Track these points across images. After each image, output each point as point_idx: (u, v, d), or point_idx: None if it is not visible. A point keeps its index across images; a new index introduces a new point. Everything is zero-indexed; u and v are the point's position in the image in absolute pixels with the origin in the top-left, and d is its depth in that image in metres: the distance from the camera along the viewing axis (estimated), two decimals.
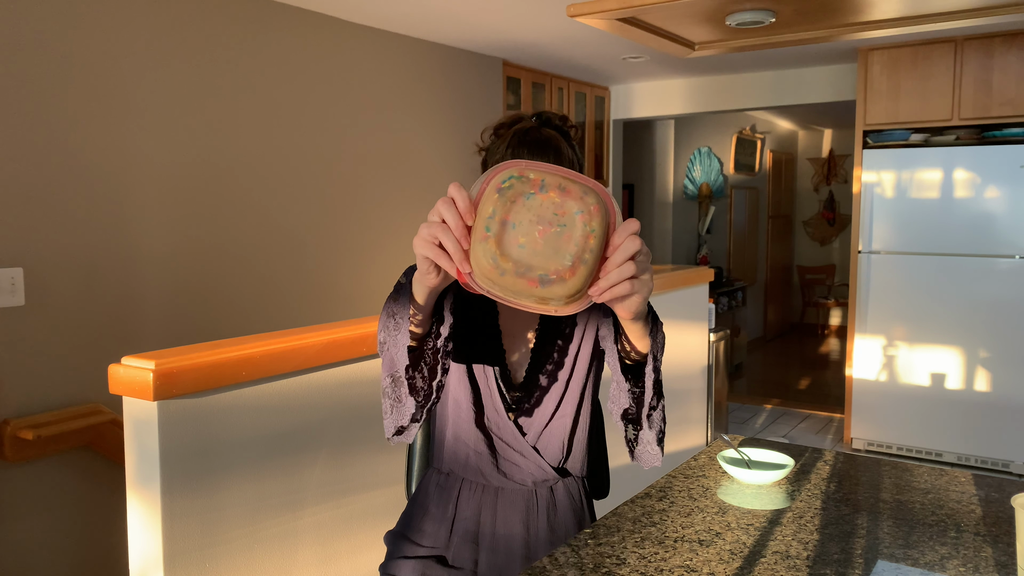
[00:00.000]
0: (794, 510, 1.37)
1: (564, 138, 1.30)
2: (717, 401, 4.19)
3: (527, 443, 1.33)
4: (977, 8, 2.28)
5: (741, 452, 1.59)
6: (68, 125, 2.65)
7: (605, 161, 5.85)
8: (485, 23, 3.82)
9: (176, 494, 1.51)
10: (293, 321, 3.42)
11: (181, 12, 2.99)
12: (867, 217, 4.50)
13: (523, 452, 1.33)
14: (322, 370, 1.78)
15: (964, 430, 4.28)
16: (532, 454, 1.33)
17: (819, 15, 2.36)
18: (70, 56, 2.65)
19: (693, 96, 5.55)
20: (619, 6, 2.17)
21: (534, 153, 1.24)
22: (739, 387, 6.43)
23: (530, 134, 1.27)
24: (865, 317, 4.53)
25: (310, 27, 3.50)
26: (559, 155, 1.26)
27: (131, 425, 1.52)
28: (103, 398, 2.68)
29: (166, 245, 2.97)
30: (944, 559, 1.17)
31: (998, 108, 4.13)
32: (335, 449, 1.82)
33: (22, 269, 2.53)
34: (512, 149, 1.26)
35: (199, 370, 1.52)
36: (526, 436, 1.33)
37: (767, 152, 8.34)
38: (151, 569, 1.51)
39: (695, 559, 1.18)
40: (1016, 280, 4.12)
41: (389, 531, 1.42)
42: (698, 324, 3.69)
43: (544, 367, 1.33)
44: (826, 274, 8.83)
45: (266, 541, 1.68)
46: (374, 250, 3.89)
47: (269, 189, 3.36)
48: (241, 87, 3.22)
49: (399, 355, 1.12)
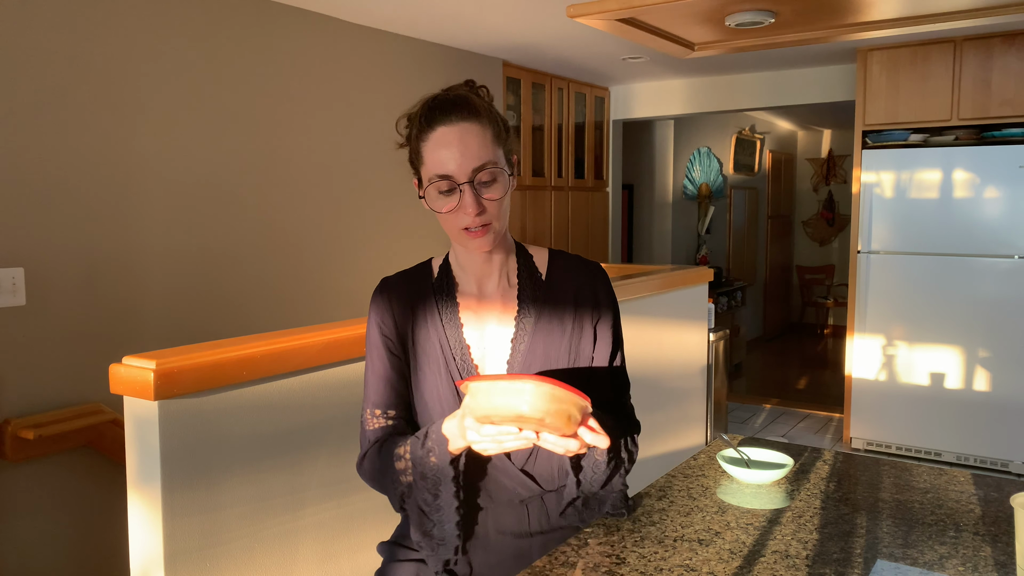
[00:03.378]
0: (793, 509, 1.37)
1: (475, 95, 1.28)
2: (716, 401, 4.19)
3: (513, 466, 1.29)
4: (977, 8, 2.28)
5: (740, 452, 1.59)
6: (69, 125, 2.65)
7: (605, 161, 5.86)
8: (485, 23, 3.82)
9: (177, 493, 1.51)
10: (293, 321, 3.43)
11: (182, 13, 2.99)
12: (866, 217, 4.50)
13: (509, 475, 1.29)
14: (322, 370, 1.78)
15: (963, 430, 4.28)
16: (519, 476, 1.29)
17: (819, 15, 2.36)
18: (71, 57, 2.65)
19: (693, 96, 5.55)
20: (619, 7, 2.17)
21: (447, 111, 1.23)
22: (738, 387, 6.44)
23: (438, 98, 1.26)
24: (864, 317, 4.53)
25: (311, 28, 3.50)
26: (473, 108, 1.24)
27: (132, 425, 1.52)
28: (104, 398, 2.68)
29: (167, 245, 2.97)
30: (943, 558, 1.18)
31: (997, 108, 4.13)
32: (335, 448, 1.82)
33: (23, 269, 2.53)
34: (425, 117, 1.24)
35: (200, 370, 1.52)
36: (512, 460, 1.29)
37: (766, 152, 8.35)
38: (152, 568, 1.51)
39: (695, 558, 1.18)
40: (1015, 280, 4.12)
41: (382, 542, 1.42)
42: (697, 324, 3.69)
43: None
44: (825, 274, 8.83)
45: (267, 540, 1.68)
46: (374, 250, 3.89)
47: (269, 189, 3.37)
48: (241, 88, 3.23)
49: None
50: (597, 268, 1.38)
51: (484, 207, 1.22)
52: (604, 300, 1.36)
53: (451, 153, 1.21)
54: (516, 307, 1.33)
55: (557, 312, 1.32)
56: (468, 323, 1.32)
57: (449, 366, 1.30)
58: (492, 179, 1.23)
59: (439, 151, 1.22)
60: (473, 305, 1.33)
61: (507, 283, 1.34)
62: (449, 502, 1.22)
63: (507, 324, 1.32)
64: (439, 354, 1.30)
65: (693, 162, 7.17)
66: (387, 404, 1.33)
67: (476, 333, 1.32)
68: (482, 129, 1.23)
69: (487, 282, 1.34)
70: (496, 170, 1.23)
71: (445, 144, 1.22)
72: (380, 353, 1.33)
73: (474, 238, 1.24)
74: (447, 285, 1.34)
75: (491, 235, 1.25)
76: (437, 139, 1.22)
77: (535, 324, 1.31)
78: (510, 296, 1.33)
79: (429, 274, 1.37)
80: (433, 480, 1.21)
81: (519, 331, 1.31)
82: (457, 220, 1.23)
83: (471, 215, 1.21)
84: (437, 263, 1.38)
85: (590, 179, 5.68)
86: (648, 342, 3.22)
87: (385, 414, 1.33)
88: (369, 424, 1.34)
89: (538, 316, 1.32)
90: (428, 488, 1.22)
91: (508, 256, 1.35)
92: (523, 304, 1.32)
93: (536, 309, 1.32)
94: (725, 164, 7.57)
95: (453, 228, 1.25)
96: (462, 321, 1.32)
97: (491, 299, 1.33)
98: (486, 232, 1.24)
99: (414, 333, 1.32)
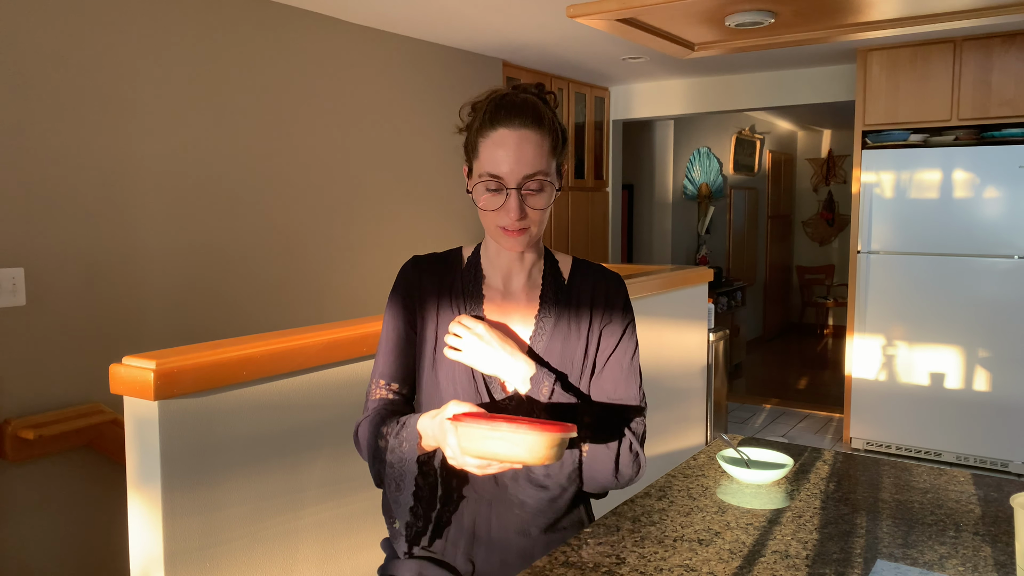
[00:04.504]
0: (793, 509, 1.37)
1: (542, 102, 1.29)
2: (716, 401, 4.19)
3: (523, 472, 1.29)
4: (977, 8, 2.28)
5: (740, 452, 1.59)
6: (69, 125, 2.65)
7: (605, 161, 5.86)
8: (485, 23, 3.82)
9: (177, 493, 1.51)
10: (293, 321, 3.43)
11: (182, 13, 2.99)
12: (866, 217, 4.50)
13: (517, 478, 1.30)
14: (322, 370, 1.78)
15: (963, 430, 4.28)
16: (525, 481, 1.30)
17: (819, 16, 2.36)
18: (71, 57, 2.65)
19: (693, 96, 5.55)
20: (619, 7, 2.17)
21: (511, 114, 1.24)
22: (738, 387, 6.44)
23: (507, 98, 1.27)
24: (864, 317, 4.53)
25: (311, 28, 3.50)
26: (538, 116, 1.25)
27: (132, 425, 1.52)
28: (104, 398, 2.68)
29: (167, 245, 2.97)
30: (943, 558, 1.18)
31: (997, 108, 4.13)
32: (335, 448, 1.82)
33: (23, 269, 2.53)
34: (489, 114, 1.25)
35: (200, 370, 1.52)
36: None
37: (766, 152, 8.34)
38: (152, 568, 1.51)
39: (695, 558, 1.18)
40: (1015, 280, 4.12)
41: (386, 538, 1.43)
42: (697, 324, 3.69)
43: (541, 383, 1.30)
44: (825, 274, 8.83)
45: (267, 540, 1.68)
46: (375, 250, 3.89)
47: (269, 189, 3.37)
48: (241, 88, 3.23)
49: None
50: (618, 278, 1.42)
51: (526, 213, 1.24)
52: (620, 308, 1.38)
53: (507, 156, 1.23)
54: (538, 307, 1.35)
55: (576, 315, 1.35)
56: (490, 316, 1.34)
57: None
58: (540, 188, 1.25)
59: (496, 151, 1.24)
60: (497, 300, 1.35)
61: (531, 283, 1.37)
62: (406, 499, 1.24)
63: (527, 322, 1.34)
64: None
65: (693, 162, 7.17)
66: (393, 376, 1.35)
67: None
68: (541, 139, 1.25)
69: (513, 279, 1.36)
70: (545, 181, 1.25)
71: (503, 146, 1.23)
72: (398, 325, 1.35)
73: (510, 237, 1.27)
74: (475, 276, 1.37)
75: (526, 238, 1.27)
76: (496, 139, 1.24)
77: (554, 325, 1.33)
78: (533, 296, 1.36)
79: (459, 262, 1.39)
80: (399, 470, 1.24)
81: (538, 330, 1.33)
82: (497, 219, 1.26)
83: (512, 219, 1.24)
84: (467, 253, 1.41)
85: (590, 179, 5.68)
86: (648, 342, 3.22)
87: (389, 386, 1.35)
88: (373, 393, 1.36)
89: (558, 317, 1.34)
90: (395, 476, 1.25)
91: (537, 258, 1.38)
92: (544, 304, 1.35)
93: (556, 310, 1.35)
94: (725, 164, 7.57)
95: (491, 224, 1.28)
96: (485, 313, 1.34)
97: (515, 296, 1.36)
98: (522, 234, 1.27)
99: (439, 314, 1.34)
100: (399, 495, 1.25)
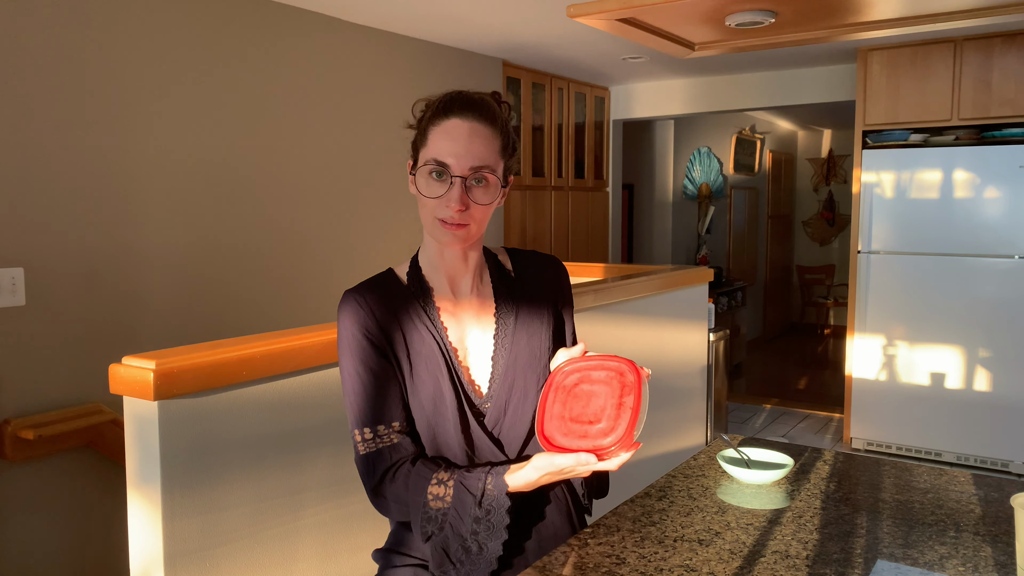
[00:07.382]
0: (794, 510, 1.37)
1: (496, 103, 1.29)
2: (716, 401, 4.19)
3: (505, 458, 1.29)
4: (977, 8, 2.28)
5: (740, 452, 1.59)
6: (69, 124, 2.65)
7: (605, 161, 5.85)
8: (485, 23, 3.82)
9: (177, 494, 1.51)
10: (294, 321, 3.43)
11: (182, 13, 2.99)
12: (866, 217, 4.50)
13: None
14: (322, 370, 1.78)
15: (963, 430, 4.28)
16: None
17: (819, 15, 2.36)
18: (71, 57, 2.65)
19: (693, 96, 5.55)
20: (619, 6, 2.17)
21: (465, 107, 1.24)
22: (739, 387, 6.44)
23: (463, 94, 1.27)
24: (864, 317, 4.53)
25: (312, 28, 3.50)
26: (491, 114, 1.26)
27: (132, 425, 1.52)
28: (104, 398, 2.68)
29: (167, 245, 2.97)
30: (943, 559, 1.18)
31: (997, 108, 4.13)
32: (335, 449, 1.82)
33: (23, 269, 2.53)
34: (443, 105, 1.26)
35: (200, 370, 1.52)
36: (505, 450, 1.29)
37: (767, 152, 8.34)
38: (152, 569, 1.51)
39: (695, 558, 1.18)
40: (1015, 280, 4.12)
41: (377, 549, 1.41)
42: (698, 324, 3.69)
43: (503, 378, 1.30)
44: (825, 274, 8.83)
45: (267, 541, 1.68)
46: (375, 250, 3.89)
47: (270, 189, 3.37)
48: (241, 87, 3.23)
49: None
50: (558, 261, 1.44)
51: (468, 205, 1.23)
52: (566, 290, 1.42)
53: (456, 145, 1.22)
54: (494, 305, 1.34)
55: (534, 306, 1.35)
56: (447, 324, 1.32)
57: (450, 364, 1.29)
58: (485, 183, 1.24)
59: (445, 139, 1.23)
60: (449, 307, 1.33)
61: (480, 282, 1.35)
62: (495, 549, 1.20)
63: (486, 322, 1.33)
64: (436, 353, 1.29)
65: (693, 162, 7.17)
66: (392, 416, 1.27)
67: (456, 334, 1.32)
68: (492, 135, 1.25)
69: (461, 282, 1.34)
70: (492, 176, 1.24)
71: (453, 135, 1.23)
72: (370, 361, 1.27)
73: (448, 231, 1.24)
74: (422, 289, 1.33)
75: (464, 234, 1.25)
76: (447, 128, 1.24)
77: (516, 319, 1.33)
78: (486, 294, 1.35)
79: (396, 280, 1.34)
80: (486, 530, 1.19)
81: (501, 328, 1.32)
82: (437, 208, 1.24)
83: (453, 208, 1.22)
84: (402, 270, 1.36)
85: (590, 179, 5.68)
86: (648, 342, 3.22)
87: (390, 427, 1.27)
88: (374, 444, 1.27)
89: (517, 311, 1.34)
90: (479, 538, 1.20)
91: (481, 257, 1.37)
92: (500, 301, 1.34)
93: (514, 305, 1.34)
94: (725, 164, 7.57)
95: (429, 216, 1.26)
96: (442, 322, 1.31)
97: (467, 299, 1.34)
98: (461, 229, 1.24)
99: (405, 337, 1.29)
100: (481, 555, 1.20)
